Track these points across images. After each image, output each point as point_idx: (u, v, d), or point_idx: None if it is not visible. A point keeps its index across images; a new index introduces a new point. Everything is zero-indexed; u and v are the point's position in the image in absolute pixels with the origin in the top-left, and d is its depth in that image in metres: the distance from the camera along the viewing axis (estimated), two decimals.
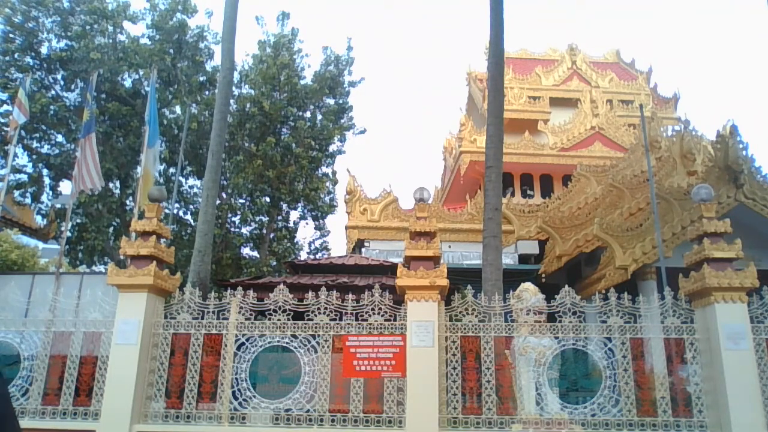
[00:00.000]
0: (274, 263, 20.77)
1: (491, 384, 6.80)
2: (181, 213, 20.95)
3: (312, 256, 21.62)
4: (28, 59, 18.29)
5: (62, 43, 18.72)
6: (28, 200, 18.25)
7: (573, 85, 25.84)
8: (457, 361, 6.92)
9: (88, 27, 18.38)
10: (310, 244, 22.66)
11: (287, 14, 21.38)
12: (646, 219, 13.32)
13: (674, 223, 12.59)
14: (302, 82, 20.96)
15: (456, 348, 6.98)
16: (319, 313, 7.14)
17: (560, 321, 7.00)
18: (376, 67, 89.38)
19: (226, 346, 7.12)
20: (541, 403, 6.79)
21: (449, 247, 17.88)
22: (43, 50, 18.68)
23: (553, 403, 6.79)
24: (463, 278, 9.96)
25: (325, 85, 21.11)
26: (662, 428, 6.62)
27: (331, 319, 7.13)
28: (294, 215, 22.02)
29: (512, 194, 22.79)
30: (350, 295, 7.26)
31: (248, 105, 20.09)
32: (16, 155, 16.33)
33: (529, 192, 23.79)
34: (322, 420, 6.75)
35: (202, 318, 7.25)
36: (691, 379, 6.90)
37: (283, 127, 20.79)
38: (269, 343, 7.11)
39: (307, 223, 22.31)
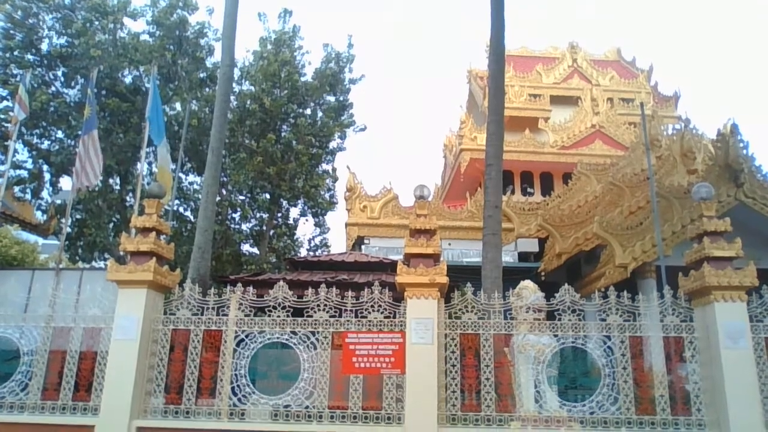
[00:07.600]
0: (274, 260, 20.81)
1: (490, 381, 6.81)
2: (181, 209, 21.00)
3: (312, 253, 21.65)
4: (28, 56, 18.30)
5: (62, 40, 18.72)
6: (28, 196, 18.29)
7: (573, 83, 25.78)
8: (456, 359, 6.93)
9: (88, 24, 18.37)
10: (309, 241, 22.74)
11: (289, 11, 21.41)
12: (646, 217, 13.32)
13: (674, 222, 12.59)
14: (303, 79, 20.96)
15: (455, 345, 6.99)
16: (319, 309, 7.15)
17: (560, 319, 7.00)
18: (376, 65, 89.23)
19: (225, 342, 7.13)
20: (540, 400, 6.80)
21: (449, 244, 17.88)
22: (44, 47, 18.67)
23: (552, 401, 6.81)
24: (462, 276, 9.92)
25: (326, 82, 21.10)
26: (661, 426, 6.64)
27: (330, 316, 7.14)
28: (294, 212, 22.11)
29: (512, 192, 22.77)
30: (350, 292, 7.27)
31: (249, 102, 20.10)
32: (16, 151, 16.35)
33: (529, 190, 23.78)
34: (321, 416, 6.76)
35: (202, 314, 7.26)
36: (690, 377, 6.91)
37: (283, 124, 20.79)
38: (269, 339, 7.13)
39: (307, 220, 22.40)
